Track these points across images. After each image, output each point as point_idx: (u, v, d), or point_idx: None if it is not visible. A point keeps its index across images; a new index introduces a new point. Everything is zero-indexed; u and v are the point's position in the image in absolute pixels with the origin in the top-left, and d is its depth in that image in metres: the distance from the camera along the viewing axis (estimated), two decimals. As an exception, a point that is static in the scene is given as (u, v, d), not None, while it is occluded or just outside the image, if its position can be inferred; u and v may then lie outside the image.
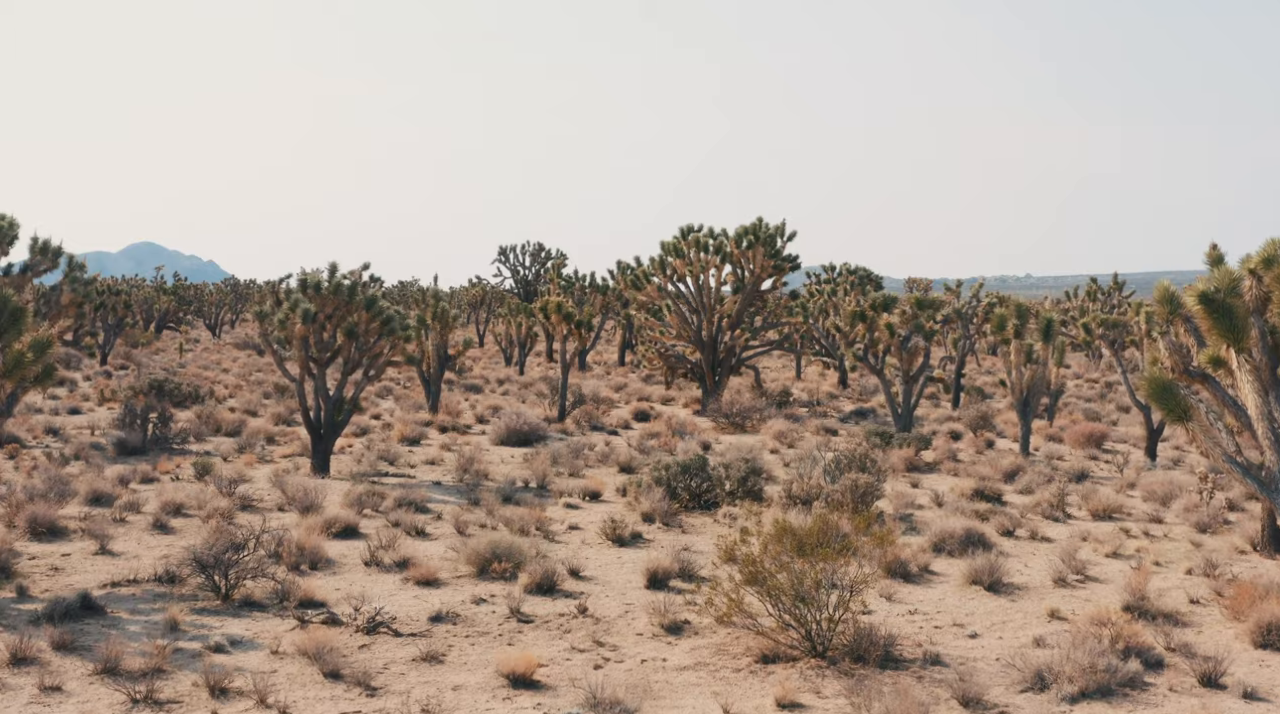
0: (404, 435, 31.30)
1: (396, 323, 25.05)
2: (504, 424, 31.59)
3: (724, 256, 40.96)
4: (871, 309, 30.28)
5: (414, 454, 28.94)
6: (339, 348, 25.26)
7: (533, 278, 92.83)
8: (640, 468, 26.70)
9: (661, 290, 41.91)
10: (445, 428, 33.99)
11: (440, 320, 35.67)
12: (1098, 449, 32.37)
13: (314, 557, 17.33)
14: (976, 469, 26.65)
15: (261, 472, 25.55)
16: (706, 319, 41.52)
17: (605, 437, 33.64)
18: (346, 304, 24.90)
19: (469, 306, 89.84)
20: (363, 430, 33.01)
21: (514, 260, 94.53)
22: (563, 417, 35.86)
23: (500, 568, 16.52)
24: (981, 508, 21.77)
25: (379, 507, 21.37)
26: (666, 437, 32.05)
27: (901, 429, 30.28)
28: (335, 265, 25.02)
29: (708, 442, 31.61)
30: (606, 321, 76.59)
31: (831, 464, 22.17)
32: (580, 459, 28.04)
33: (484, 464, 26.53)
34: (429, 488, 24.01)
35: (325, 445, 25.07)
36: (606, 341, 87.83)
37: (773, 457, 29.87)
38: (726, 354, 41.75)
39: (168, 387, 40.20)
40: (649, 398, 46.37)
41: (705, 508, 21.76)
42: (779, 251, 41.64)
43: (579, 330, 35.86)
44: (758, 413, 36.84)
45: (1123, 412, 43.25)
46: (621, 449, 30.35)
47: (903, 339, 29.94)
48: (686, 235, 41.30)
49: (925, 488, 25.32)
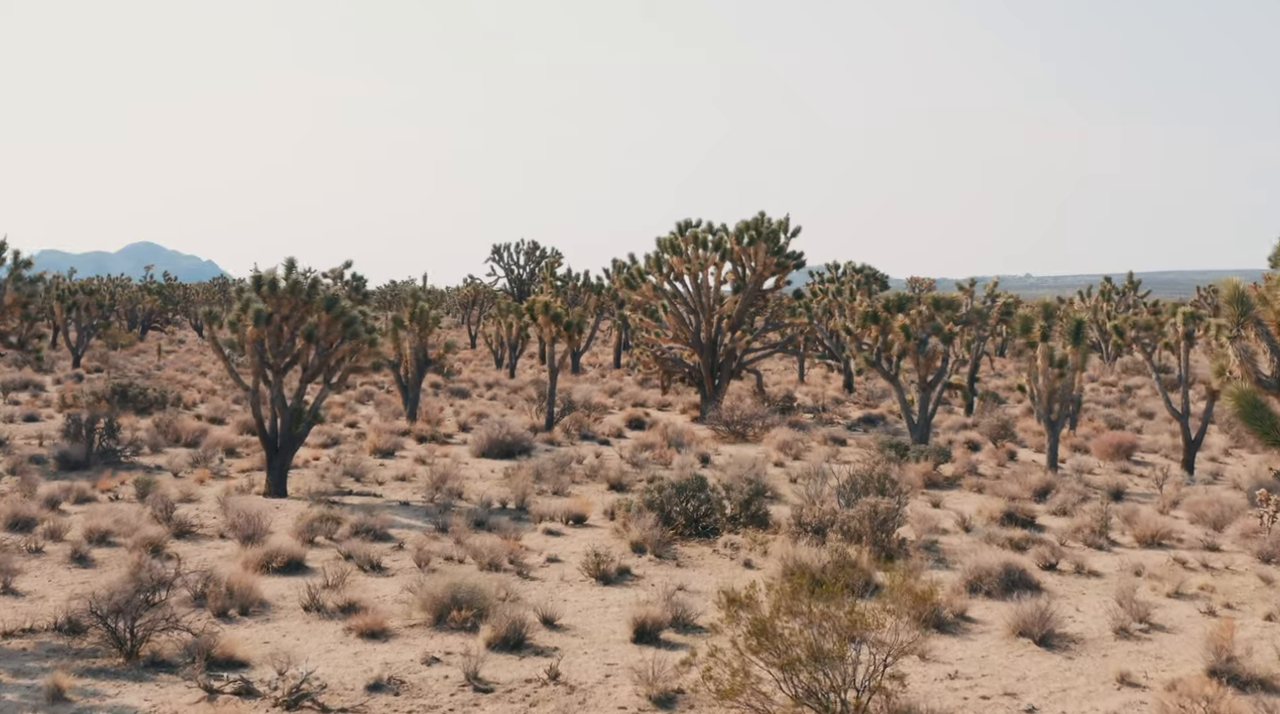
0: (376, 446, 28.78)
1: (360, 325, 22.54)
2: (485, 434, 29.08)
3: (724, 254, 38.44)
4: (885, 309, 27.75)
5: (385, 468, 26.45)
6: (298, 353, 22.74)
7: (527, 277, 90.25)
8: (632, 485, 24.22)
9: (658, 290, 39.38)
10: (423, 437, 31.48)
11: (419, 321, 33.13)
12: (1128, 461, 29.85)
13: (245, 599, 14.82)
14: (1003, 486, 24.11)
15: (212, 490, 23.07)
16: (705, 320, 39.00)
17: (596, 447, 31.14)
18: (305, 304, 22.40)
19: (461, 307, 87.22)
20: (334, 440, 30.50)
21: (508, 259, 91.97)
22: (550, 425, 33.36)
23: (460, 617, 13.97)
24: (1016, 535, 19.27)
25: (333, 534, 18.86)
26: (661, 447, 29.54)
27: (918, 440, 27.78)
28: (293, 261, 22.50)
29: (706, 453, 29.11)
30: (602, 322, 74.07)
31: (846, 485, 19.62)
32: (566, 474, 25.55)
33: (459, 481, 24.03)
34: (395, 509, 21.52)
35: (282, 461, 22.57)
36: (603, 343, 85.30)
37: (777, 471, 27.37)
38: (726, 357, 39.23)
39: (131, 392, 37.75)
40: (644, 403, 43.85)
41: (703, 535, 19.24)
42: (782, 248, 39.13)
43: (568, 332, 33.34)
44: (760, 420, 34.35)
45: (1145, 418, 40.77)
46: (612, 462, 27.86)
47: (919, 342, 27.43)
48: (684, 231, 38.77)
49: (948, 508, 22.83)
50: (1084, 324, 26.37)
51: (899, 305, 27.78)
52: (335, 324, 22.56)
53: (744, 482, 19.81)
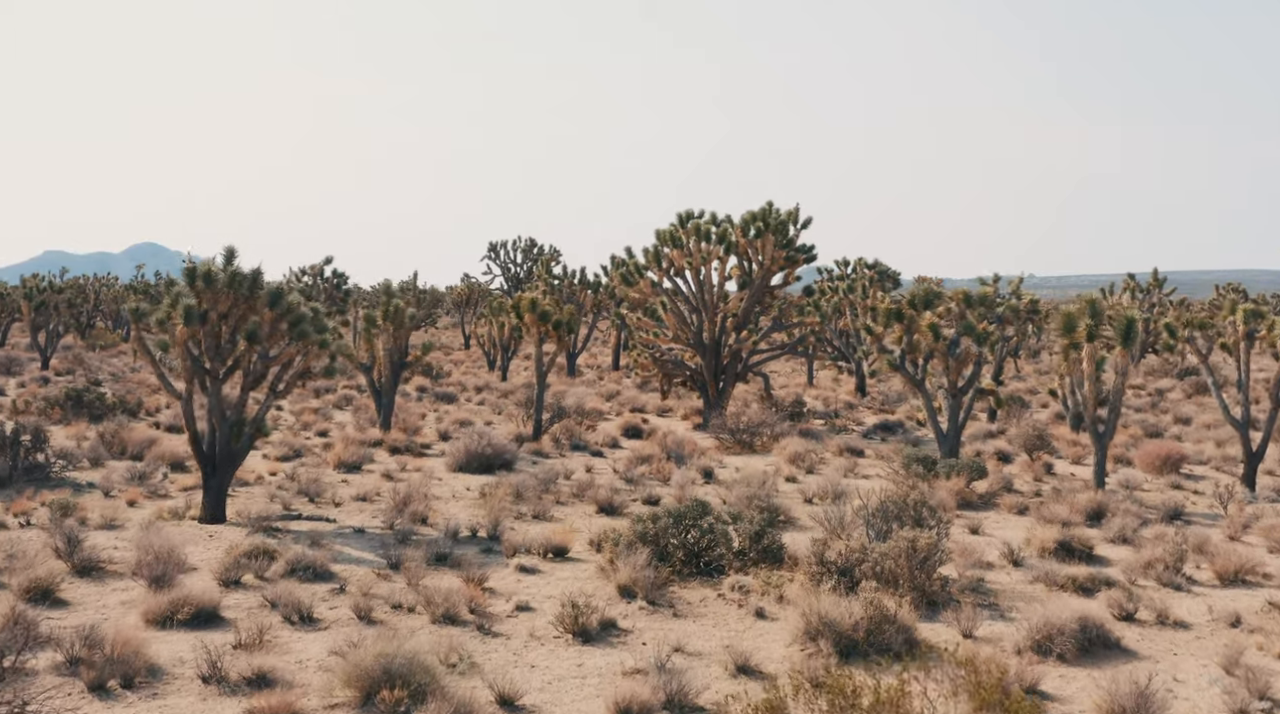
0: (342, 460, 25.72)
1: (308, 324, 19.48)
2: (463, 447, 26.02)
3: (728, 247, 35.36)
4: (911, 306, 24.66)
5: (347, 485, 23.42)
6: (240, 355, 19.69)
7: (525, 276, 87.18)
8: (624, 507, 21.19)
9: (656, 286, 36.30)
10: (397, 449, 28.42)
11: (394, 320, 30.07)
12: (1177, 474, 26.76)
13: (130, 667, 11.76)
14: (1050, 509, 20.98)
15: (142, 513, 20.06)
16: (708, 319, 35.91)
17: (587, 459, 28.07)
18: (247, 300, 19.35)
19: (454, 306, 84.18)
20: (297, 452, 27.44)
21: (504, 257, 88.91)
22: (538, 434, 30.29)
23: (393, 698, 10.88)
24: (1078, 574, 16.19)
25: (265, 572, 15.81)
26: (659, 460, 26.48)
27: (947, 453, 24.70)
28: (233, 250, 19.44)
29: (710, 466, 26.04)
30: (600, 321, 70.97)
31: (876, 514, 16.55)
32: (550, 493, 22.54)
33: (427, 502, 21.01)
34: (347, 538, 18.48)
35: (220, 481, 19.53)
36: (602, 343, 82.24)
37: (790, 487, 24.32)
38: (731, 359, 36.16)
39: (87, 397, 34.78)
40: (643, 408, 40.78)
41: (706, 573, 16.14)
42: (791, 241, 36.04)
43: (557, 332, 30.27)
44: (768, 428, 31.28)
45: (1181, 424, 37.70)
46: (604, 477, 24.85)
47: (949, 343, 24.35)
48: (685, 222, 35.69)
49: (989, 534, 19.81)
50: (1136, 323, 23.27)
51: (926, 302, 24.71)
52: (281, 323, 19.52)
53: (754, 510, 16.69)
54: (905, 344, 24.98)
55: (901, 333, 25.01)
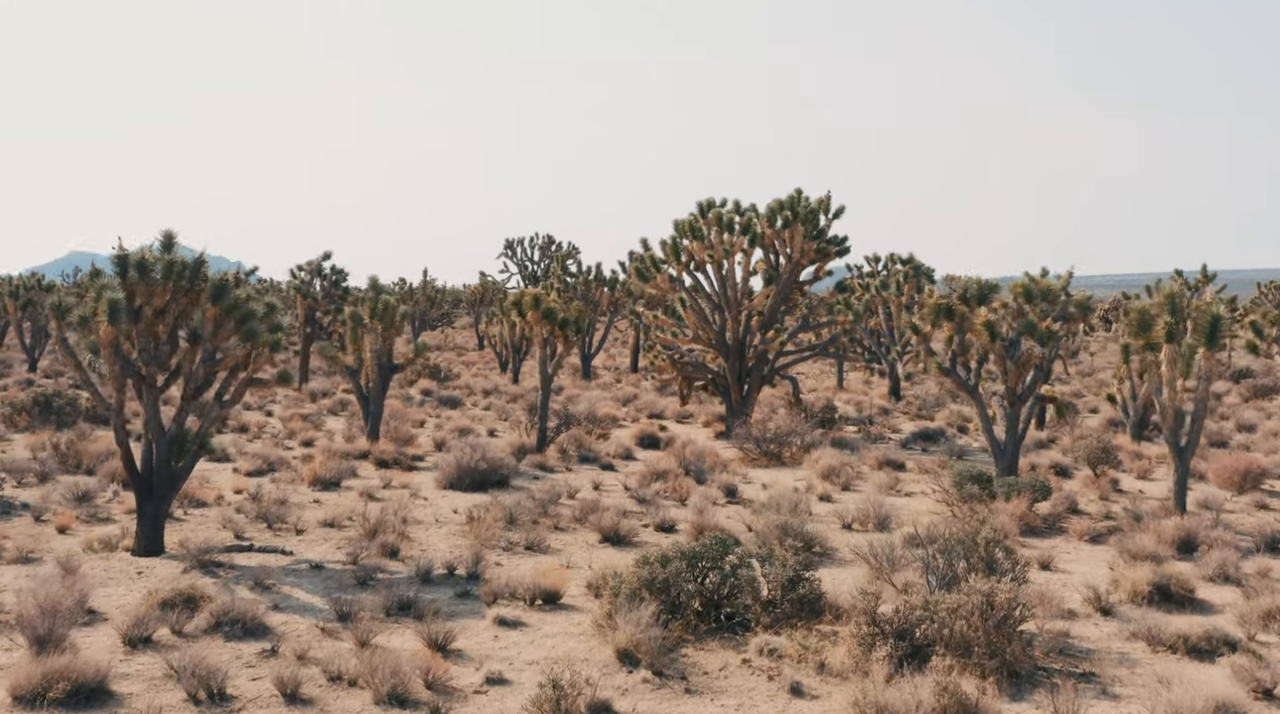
0: (318, 475, 22.77)
1: (257, 322, 16.49)
2: (454, 461, 23.03)
3: (753, 238, 32.27)
4: (962, 302, 21.55)
5: (319, 506, 20.49)
6: (183, 358, 16.75)
7: (542, 273, 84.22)
8: (633, 536, 18.18)
9: (675, 281, 33.22)
10: (385, 462, 25.45)
11: (383, 319, 27.09)
12: (1259, 491, 23.60)
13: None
14: (1133, 540, 17.86)
15: (69, 543, 17.17)
16: (732, 317, 32.82)
17: (596, 473, 25.06)
18: (187, 293, 16.40)
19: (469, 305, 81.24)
20: (271, 466, 24.51)
21: (521, 254, 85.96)
22: (543, 445, 27.29)
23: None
24: (1187, 628, 13.09)
25: (184, 626, 12.86)
26: (676, 477, 23.47)
27: (1004, 470, 21.58)
28: (171, 234, 16.49)
29: (733, 484, 23.00)
30: (618, 321, 67.92)
31: (938, 556, 13.49)
32: (549, 516, 19.58)
33: (403, 529, 18.08)
34: (299, 576, 15.52)
35: (157, 507, 16.59)
36: (621, 344, 79.26)
37: (825, 508, 21.28)
38: (757, 361, 33.08)
39: (57, 403, 32.01)
40: (661, 414, 37.74)
41: (728, 628, 13.08)
42: (822, 232, 32.95)
43: (564, 332, 27.26)
44: (798, 437, 28.23)
45: (1245, 431, 34.52)
46: (613, 497, 21.88)
47: (1008, 343, 21.24)
48: (706, 212, 32.61)
49: (1063, 569, 16.75)
50: (1222, 322, 20.16)
51: (980, 296, 21.59)
52: (226, 320, 16.56)
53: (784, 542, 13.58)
54: (956, 344, 21.87)
55: (952, 332, 21.91)
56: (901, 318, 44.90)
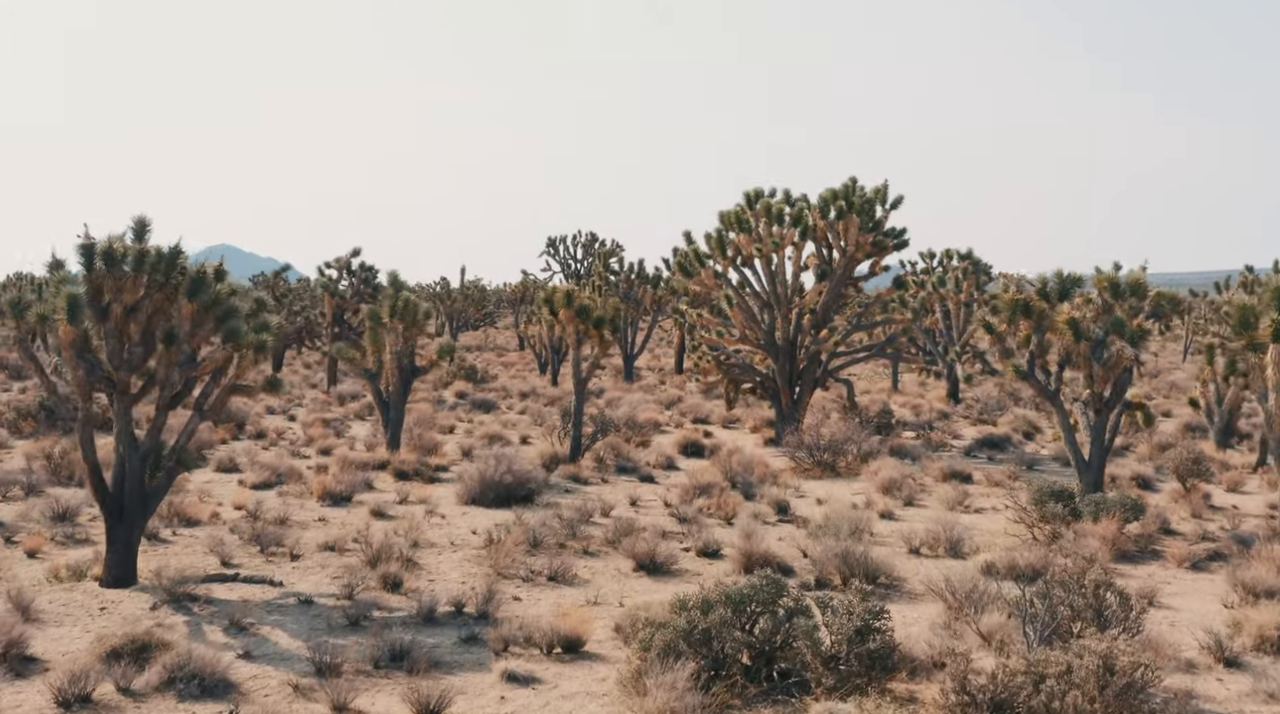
0: (328, 490, 20.71)
1: (239, 320, 14.40)
2: (476, 474, 20.91)
3: (805, 231, 29.96)
4: (1041, 297, 19.19)
5: (323, 525, 18.44)
6: (159, 361, 14.69)
7: (585, 272, 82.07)
8: (673, 562, 15.98)
9: (720, 277, 30.95)
10: (404, 473, 23.39)
11: (403, 318, 24.99)
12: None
13: None
14: (1251, 571, 15.48)
15: (33, 571, 15.19)
16: (781, 316, 30.53)
17: (634, 486, 22.92)
18: (162, 287, 14.35)
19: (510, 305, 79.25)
20: (280, 478, 22.48)
21: (564, 252, 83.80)
22: (576, 454, 25.12)
23: None
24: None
25: (132, 682, 10.78)
26: (722, 491, 21.25)
27: (1089, 486, 19.21)
28: (144, 221, 14.43)
29: (784, 498, 20.78)
30: (662, 320, 65.67)
31: (1038, 605, 11.18)
32: (579, 538, 17.44)
33: (412, 555, 15.99)
34: (284, 613, 13.43)
35: (128, 530, 14.56)
36: (667, 344, 77.04)
37: (887, 528, 19.03)
38: (808, 362, 30.79)
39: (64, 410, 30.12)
40: (706, 419, 35.52)
41: (782, 690, 10.84)
42: (879, 223, 30.62)
43: (600, 331, 25.08)
44: (854, 445, 25.96)
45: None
46: (651, 515, 19.73)
47: (1094, 343, 18.88)
48: (753, 202, 30.33)
49: (1170, 605, 14.45)
50: (1339, 317, 17.71)
51: (1062, 291, 19.22)
52: (205, 319, 14.49)
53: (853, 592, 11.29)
54: (1035, 345, 19.52)
55: (1029, 331, 19.55)
56: (960, 316, 42.51)
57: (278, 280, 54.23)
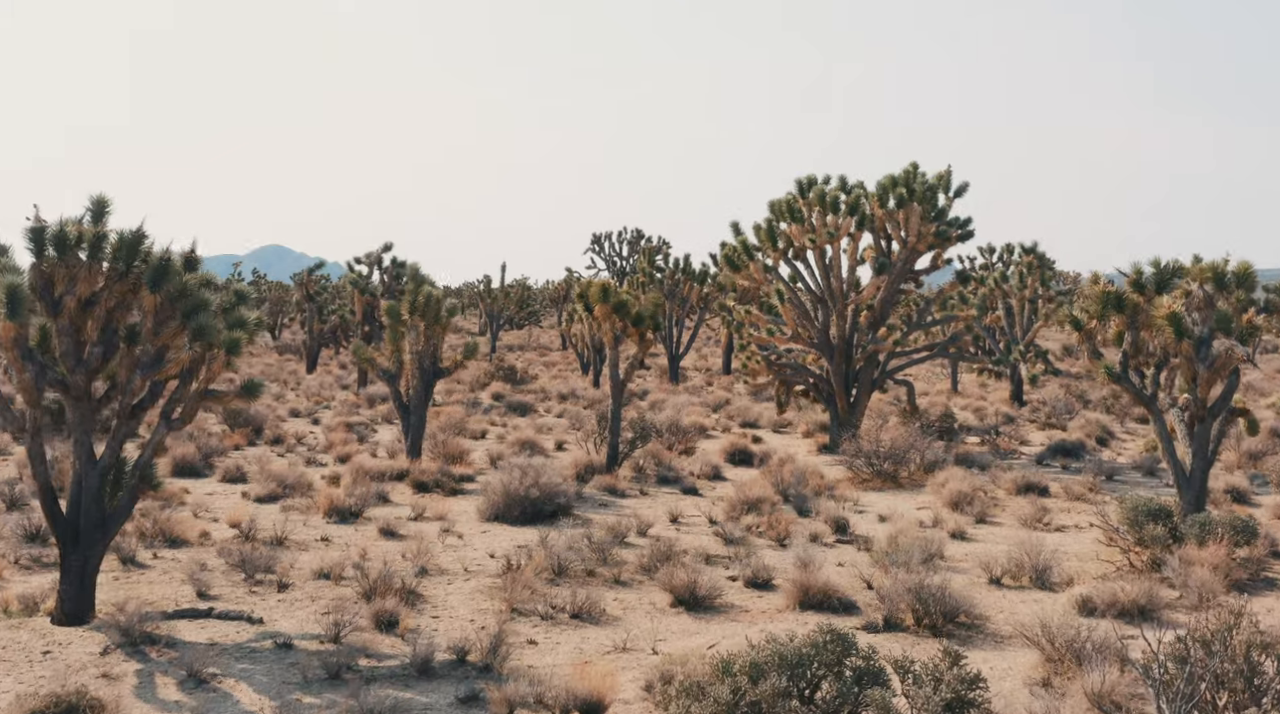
0: (335, 505, 18.68)
1: (209, 319, 12.33)
2: (500, 487, 18.82)
3: (862, 221, 27.68)
4: (1136, 290, 16.88)
5: (324, 547, 16.41)
6: (119, 363, 12.68)
7: (630, 269, 79.99)
8: (717, 595, 13.79)
9: (770, 271, 28.72)
10: (424, 484, 21.35)
11: (425, 315, 22.93)
12: None
13: None
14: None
15: (-17, 602, 13.24)
16: (837, 312, 28.27)
17: (676, 498, 20.80)
18: (121, 279, 12.33)
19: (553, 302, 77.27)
20: (287, 489, 20.48)
21: (609, 250, 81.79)
22: (613, 463, 23.00)
23: None
24: None
25: (45, 761, 8.76)
26: (773, 508, 19.07)
27: (1191, 504, 16.87)
28: (104, 201, 12.42)
29: (843, 515, 18.54)
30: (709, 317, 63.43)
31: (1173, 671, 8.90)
32: (610, 565, 15.30)
33: (417, 585, 13.93)
34: (254, 662, 11.35)
35: (84, 558, 12.55)
36: (715, 343, 74.85)
37: (960, 550, 16.80)
38: (866, 363, 28.52)
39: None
40: (756, 422, 33.32)
41: (850, 775, 8.70)
42: (942, 212, 28.32)
43: (639, 329, 22.93)
44: (917, 454, 23.73)
45: None
46: (694, 534, 17.57)
47: (1197, 342, 16.57)
48: (806, 190, 28.08)
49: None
50: None
51: (1159, 282, 16.90)
52: (170, 314, 12.45)
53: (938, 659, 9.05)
54: (1128, 344, 17.19)
55: (1122, 327, 17.23)
56: (1024, 313, 40.12)
57: (311, 278, 52.40)
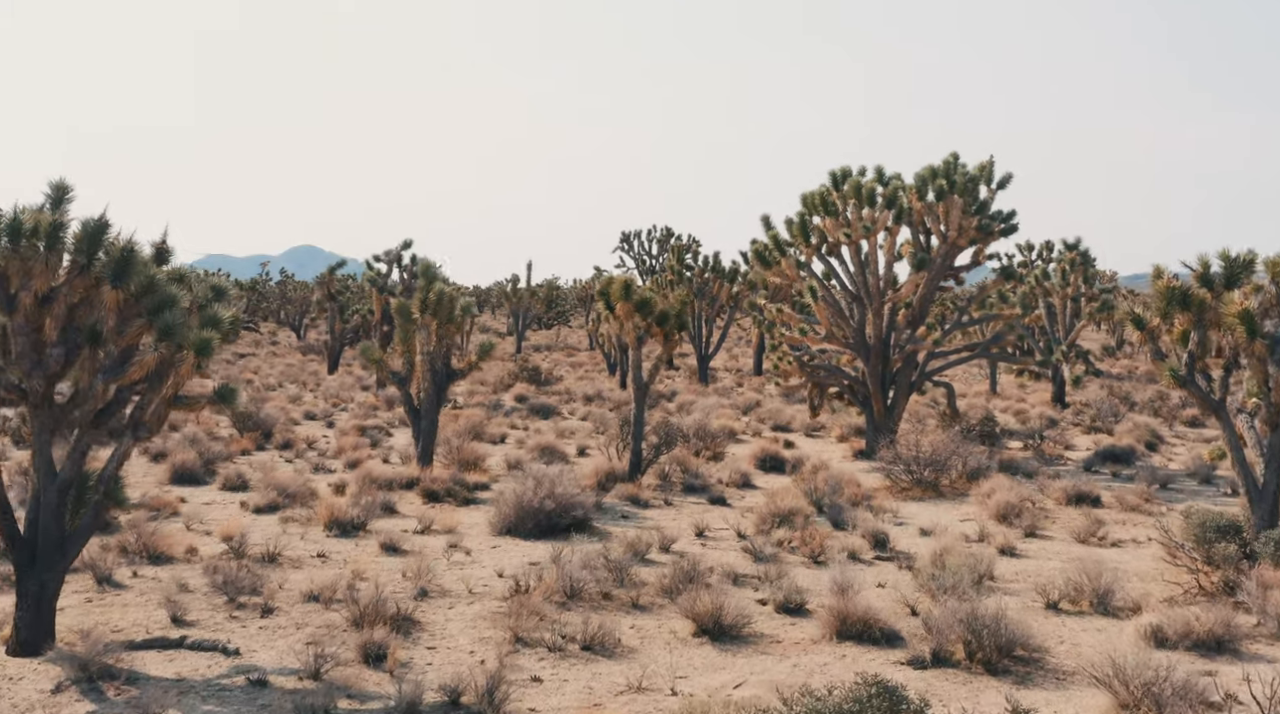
0: (335, 516, 17.41)
1: (176, 317, 11.03)
2: (512, 498, 17.52)
3: (900, 214, 26.25)
4: (1204, 285, 15.42)
5: (319, 566, 15.15)
6: (81, 366, 11.43)
7: (659, 268, 78.63)
8: (746, 623, 12.43)
9: (803, 267, 27.33)
10: (435, 493, 20.08)
11: (437, 313, 21.66)
12: None
13: None
14: None
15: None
16: (873, 311, 26.86)
17: (703, 509, 19.49)
18: (82, 273, 11.08)
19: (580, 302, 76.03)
20: (286, 499, 19.24)
21: (639, 248, 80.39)
22: (636, 471, 21.68)
23: None
24: None
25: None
26: (806, 521, 17.72)
27: (1263, 520, 15.40)
28: (63, 186, 11.17)
29: (882, 529, 17.17)
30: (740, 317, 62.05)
31: None
32: (628, 586, 13.97)
33: (415, 610, 12.62)
34: (222, 702, 10.04)
35: (43, 582, 11.30)
36: (745, 342, 73.43)
37: (1010, 567, 15.42)
38: (904, 364, 27.10)
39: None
40: (788, 426, 31.93)
41: None
42: (984, 205, 26.88)
43: (663, 328, 21.59)
44: (960, 460, 22.34)
45: None
46: (721, 550, 16.23)
47: (1271, 343, 15.11)
48: (841, 182, 26.67)
49: None
50: None
51: (1228, 277, 15.46)
52: (134, 311, 11.19)
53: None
54: (1194, 343, 15.75)
55: (1187, 326, 15.79)
56: (1066, 311, 38.60)
57: (333, 277, 51.28)
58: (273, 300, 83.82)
